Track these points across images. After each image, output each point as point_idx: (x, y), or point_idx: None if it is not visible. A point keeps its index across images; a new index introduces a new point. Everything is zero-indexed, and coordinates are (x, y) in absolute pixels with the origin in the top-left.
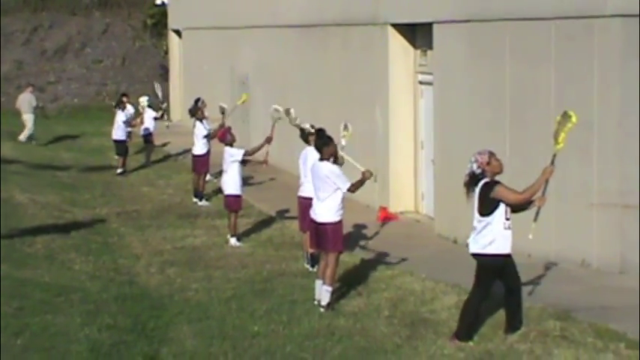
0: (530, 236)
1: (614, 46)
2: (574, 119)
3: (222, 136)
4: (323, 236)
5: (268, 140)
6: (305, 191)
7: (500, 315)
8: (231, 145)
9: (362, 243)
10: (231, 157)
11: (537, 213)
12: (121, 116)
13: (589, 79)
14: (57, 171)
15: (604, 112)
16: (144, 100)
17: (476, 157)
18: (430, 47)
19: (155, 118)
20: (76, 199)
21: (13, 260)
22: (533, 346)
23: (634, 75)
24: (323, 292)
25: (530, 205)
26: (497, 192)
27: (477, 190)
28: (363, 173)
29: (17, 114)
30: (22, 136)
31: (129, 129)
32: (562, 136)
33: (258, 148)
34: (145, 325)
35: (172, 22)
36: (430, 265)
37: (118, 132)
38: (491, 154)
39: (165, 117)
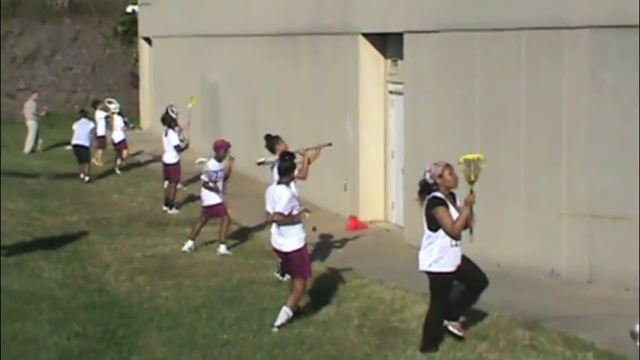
0: (471, 243)
1: (584, 57)
2: (481, 157)
3: (220, 146)
4: (288, 263)
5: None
6: None
7: (472, 323)
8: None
9: (332, 252)
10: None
11: (471, 230)
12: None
13: (558, 89)
14: (26, 178)
15: (573, 122)
16: (115, 107)
17: (430, 167)
18: (401, 57)
19: (125, 125)
20: (46, 206)
21: None
22: (502, 355)
23: (603, 85)
24: (282, 314)
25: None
26: (436, 212)
27: (425, 202)
28: (301, 212)
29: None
30: (27, 148)
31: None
32: (472, 173)
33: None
34: (115, 333)
35: (143, 30)
36: (400, 274)
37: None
38: (447, 167)
39: (131, 125)
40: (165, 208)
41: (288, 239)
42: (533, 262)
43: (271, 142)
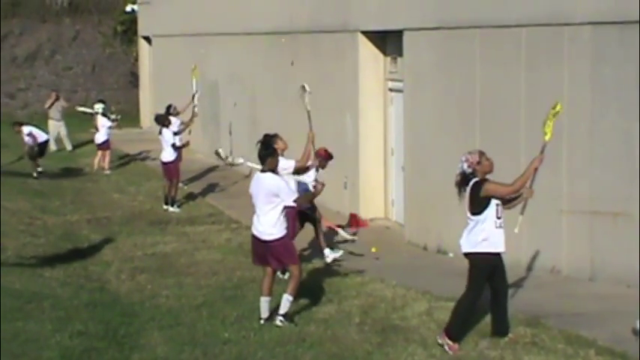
0: (516, 230)
1: (584, 53)
2: (559, 108)
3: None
4: (273, 253)
5: None
6: None
7: (474, 320)
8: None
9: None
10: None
11: (524, 206)
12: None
13: (559, 86)
14: (27, 178)
15: (573, 119)
16: (99, 108)
17: (466, 157)
18: (400, 54)
19: (110, 127)
20: (47, 205)
21: None
22: (504, 352)
23: (603, 82)
24: (283, 301)
25: (517, 200)
26: (487, 189)
27: (468, 189)
28: (315, 187)
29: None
30: (69, 146)
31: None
32: (548, 125)
33: None
34: (116, 331)
35: (142, 29)
36: (401, 271)
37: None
38: (482, 154)
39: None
40: (165, 206)
41: (273, 227)
42: (534, 260)
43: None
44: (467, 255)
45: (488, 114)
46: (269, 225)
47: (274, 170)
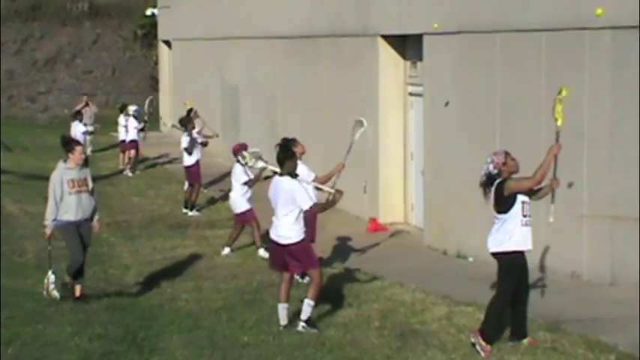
0: (551, 219)
1: (605, 57)
2: (564, 92)
3: (237, 150)
4: (292, 256)
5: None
6: None
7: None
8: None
9: (352, 254)
10: (234, 175)
11: (553, 195)
12: (80, 127)
13: (580, 90)
14: (47, 181)
15: (595, 124)
16: (132, 109)
17: (492, 158)
18: (420, 58)
19: (138, 130)
20: None
21: (4, 270)
22: (524, 357)
23: (624, 86)
24: (305, 307)
25: (543, 192)
26: (510, 187)
27: (493, 189)
28: (334, 194)
29: (6, 124)
30: (89, 150)
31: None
32: (557, 111)
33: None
34: (136, 334)
35: (162, 33)
36: (420, 276)
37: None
38: (507, 154)
39: (146, 130)
40: (185, 210)
41: (291, 231)
42: (554, 264)
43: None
44: (494, 255)
45: (508, 118)
46: (287, 228)
47: (292, 173)
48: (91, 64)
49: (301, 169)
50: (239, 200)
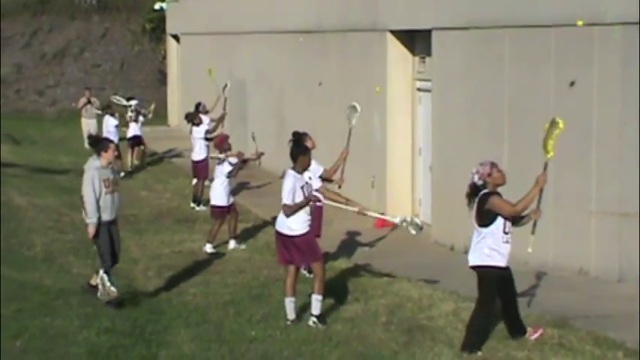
0: (530, 249)
1: (614, 53)
2: (561, 125)
3: (220, 143)
4: (297, 248)
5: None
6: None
7: (499, 323)
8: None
9: (359, 249)
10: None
11: (534, 225)
12: (112, 121)
13: (588, 86)
14: (55, 175)
15: (603, 120)
16: (134, 103)
17: (477, 169)
18: (429, 54)
19: (142, 123)
20: (75, 202)
21: (13, 263)
22: (531, 353)
23: (634, 83)
24: (314, 302)
25: (524, 220)
26: (492, 203)
27: (476, 200)
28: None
29: (14, 118)
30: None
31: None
32: (550, 143)
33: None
34: (143, 328)
35: (170, 27)
36: (427, 271)
37: (110, 137)
38: (493, 166)
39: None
40: (192, 204)
41: (295, 223)
42: (562, 261)
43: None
44: (474, 268)
45: (516, 114)
46: (292, 221)
47: (306, 169)
48: (100, 58)
49: (313, 164)
50: (219, 192)
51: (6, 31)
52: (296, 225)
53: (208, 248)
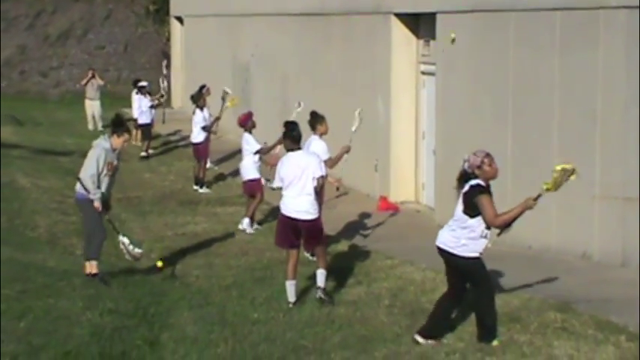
0: (489, 244)
1: (619, 37)
2: (574, 176)
3: (244, 121)
4: (307, 232)
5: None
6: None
7: (499, 307)
8: (250, 131)
9: (362, 232)
10: (247, 144)
11: (500, 233)
12: (145, 101)
13: (593, 70)
14: (59, 156)
15: (608, 104)
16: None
17: (469, 157)
18: (433, 37)
19: (152, 106)
20: None
21: (16, 244)
22: (534, 337)
23: (638, 67)
24: (319, 276)
25: (504, 230)
26: (478, 201)
27: (466, 186)
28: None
29: (18, 99)
30: (99, 126)
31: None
32: (557, 182)
33: (272, 147)
34: (146, 310)
35: (174, 9)
36: (430, 255)
37: (143, 117)
38: (487, 157)
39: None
40: (195, 187)
41: (311, 207)
42: (565, 245)
43: (315, 119)
44: (443, 252)
45: (521, 98)
46: (309, 203)
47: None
48: (103, 40)
49: (321, 145)
50: (250, 167)
51: (10, 13)
52: (313, 209)
53: (247, 226)
